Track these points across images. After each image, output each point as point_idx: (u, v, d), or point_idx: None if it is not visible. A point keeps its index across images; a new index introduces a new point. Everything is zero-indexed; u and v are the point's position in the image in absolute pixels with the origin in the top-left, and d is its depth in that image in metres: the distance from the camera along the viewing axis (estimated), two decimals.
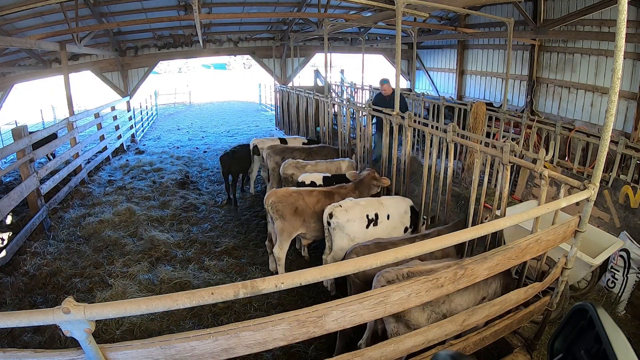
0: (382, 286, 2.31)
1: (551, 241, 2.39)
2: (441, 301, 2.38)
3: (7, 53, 9.99)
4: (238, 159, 6.30)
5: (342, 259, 3.05)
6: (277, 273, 4.10)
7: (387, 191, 4.78)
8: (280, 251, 3.94)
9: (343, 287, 3.48)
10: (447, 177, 3.73)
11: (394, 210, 3.76)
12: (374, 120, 5.99)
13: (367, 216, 3.62)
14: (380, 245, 2.98)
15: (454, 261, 2.41)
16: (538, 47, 9.67)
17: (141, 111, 14.02)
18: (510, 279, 2.82)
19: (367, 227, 3.62)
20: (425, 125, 4.36)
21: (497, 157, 3.03)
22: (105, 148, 9.02)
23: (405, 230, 3.84)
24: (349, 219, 3.55)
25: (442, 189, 3.90)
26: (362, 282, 2.77)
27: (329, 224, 3.58)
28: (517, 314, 2.64)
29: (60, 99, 10.92)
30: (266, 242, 4.30)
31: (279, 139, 6.69)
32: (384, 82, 6.68)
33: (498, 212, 3.12)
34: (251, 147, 6.48)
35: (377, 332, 2.71)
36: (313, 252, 4.59)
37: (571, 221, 2.44)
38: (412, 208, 3.87)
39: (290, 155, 5.60)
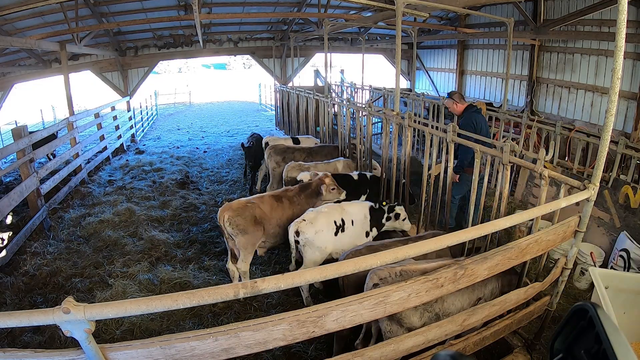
0: (374, 284, 2.30)
1: (551, 241, 2.39)
2: (434, 300, 2.35)
3: (7, 53, 10.00)
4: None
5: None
6: None
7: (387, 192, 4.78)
8: (245, 264, 3.68)
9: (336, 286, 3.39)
10: (447, 177, 3.73)
11: (356, 217, 3.64)
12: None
13: (335, 222, 3.49)
14: (372, 249, 2.91)
15: (449, 260, 2.40)
16: (538, 47, 9.67)
17: (141, 111, 14.02)
18: (513, 275, 2.80)
19: (336, 234, 3.49)
20: (425, 125, 4.36)
21: (497, 157, 3.04)
22: (105, 148, 9.02)
23: (367, 235, 3.71)
24: (317, 230, 3.41)
25: (442, 189, 3.90)
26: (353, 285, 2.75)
27: (297, 242, 3.43)
28: (517, 314, 2.64)
29: (60, 99, 10.92)
30: (227, 265, 3.83)
31: (292, 138, 6.71)
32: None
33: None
34: (263, 144, 6.53)
35: (370, 331, 2.70)
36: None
37: (571, 221, 2.44)
38: (370, 208, 3.74)
39: (291, 155, 5.60)
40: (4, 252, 4.21)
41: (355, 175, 4.74)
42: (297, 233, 3.39)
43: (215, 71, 55.64)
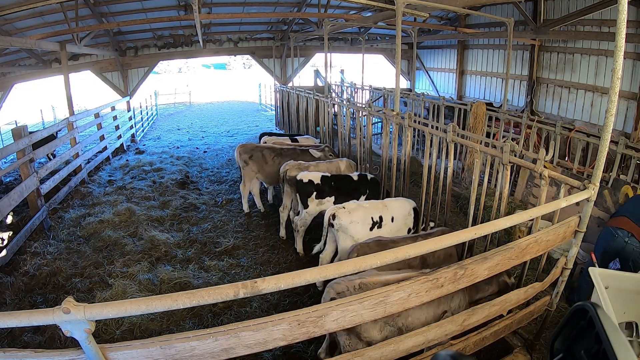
0: (331, 298, 2.24)
1: (551, 241, 2.39)
2: (396, 315, 2.27)
3: (7, 53, 10.00)
4: None
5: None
6: None
7: (387, 193, 4.78)
8: None
9: None
10: (447, 177, 3.73)
11: (398, 212, 3.75)
12: None
13: (372, 218, 3.61)
14: (381, 244, 2.98)
15: (414, 272, 2.30)
16: (538, 47, 9.68)
17: (141, 111, 14.01)
18: (504, 284, 2.75)
19: (371, 229, 3.61)
20: (425, 125, 4.36)
21: (497, 157, 3.04)
22: (105, 148, 9.01)
23: (409, 231, 3.84)
24: (352, 220, 3.53)
25: (442, 189, 3.90)
26: None
27: (331, 225, 3.56)
28: (517, 314, 2.64)
29: (60, 99, 10.92)
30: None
31: (290, 137, 6.67)
32: None
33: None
34: (261, 143, 6.54)
35: (335, 341, 2.61)
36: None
37: (571, 221, 2.44)
38: (414, 209, 3.87)
39: (259, 154, 5.55)
40: (4, 252, 4.20)
41: (355, 176, 4.74)
42: (334, 217, 3.52)
43: (215, 71, 55.63)
